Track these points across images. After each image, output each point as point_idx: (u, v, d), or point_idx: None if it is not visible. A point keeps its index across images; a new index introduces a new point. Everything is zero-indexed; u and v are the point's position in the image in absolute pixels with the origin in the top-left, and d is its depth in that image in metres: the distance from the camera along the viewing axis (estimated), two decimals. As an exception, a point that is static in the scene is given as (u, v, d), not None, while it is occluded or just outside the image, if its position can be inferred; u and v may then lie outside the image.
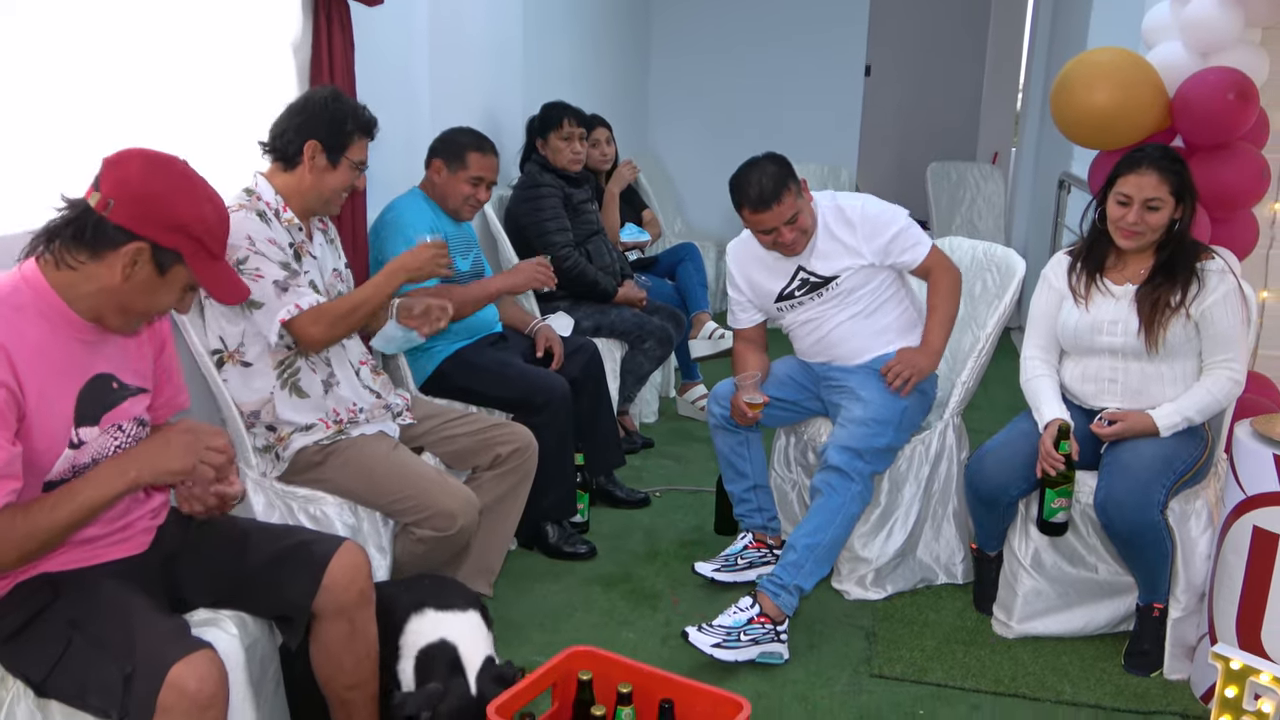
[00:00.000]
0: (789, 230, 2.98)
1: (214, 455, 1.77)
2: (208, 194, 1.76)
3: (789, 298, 3.17)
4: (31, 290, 1.69)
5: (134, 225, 1.66)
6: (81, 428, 1.75)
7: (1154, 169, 2.65)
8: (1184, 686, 2.72)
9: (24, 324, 1.66)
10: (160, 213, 1.68)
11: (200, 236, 1.72)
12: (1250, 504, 2.48)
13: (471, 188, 3.30)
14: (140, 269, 1.69)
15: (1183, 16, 3.14)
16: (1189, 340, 2.71)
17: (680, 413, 4.92)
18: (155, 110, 2.50)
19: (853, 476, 2.84)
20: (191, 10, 2.62)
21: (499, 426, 2.88)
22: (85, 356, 1.77)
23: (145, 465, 1.72)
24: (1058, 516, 2.72)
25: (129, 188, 1.67)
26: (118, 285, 1.69)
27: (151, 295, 1.74)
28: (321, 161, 2.50)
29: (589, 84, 5.85)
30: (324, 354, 2.57)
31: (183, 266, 1.73)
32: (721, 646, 2.67)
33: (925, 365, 3.03)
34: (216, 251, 1.78)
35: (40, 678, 1.70)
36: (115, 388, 1.82)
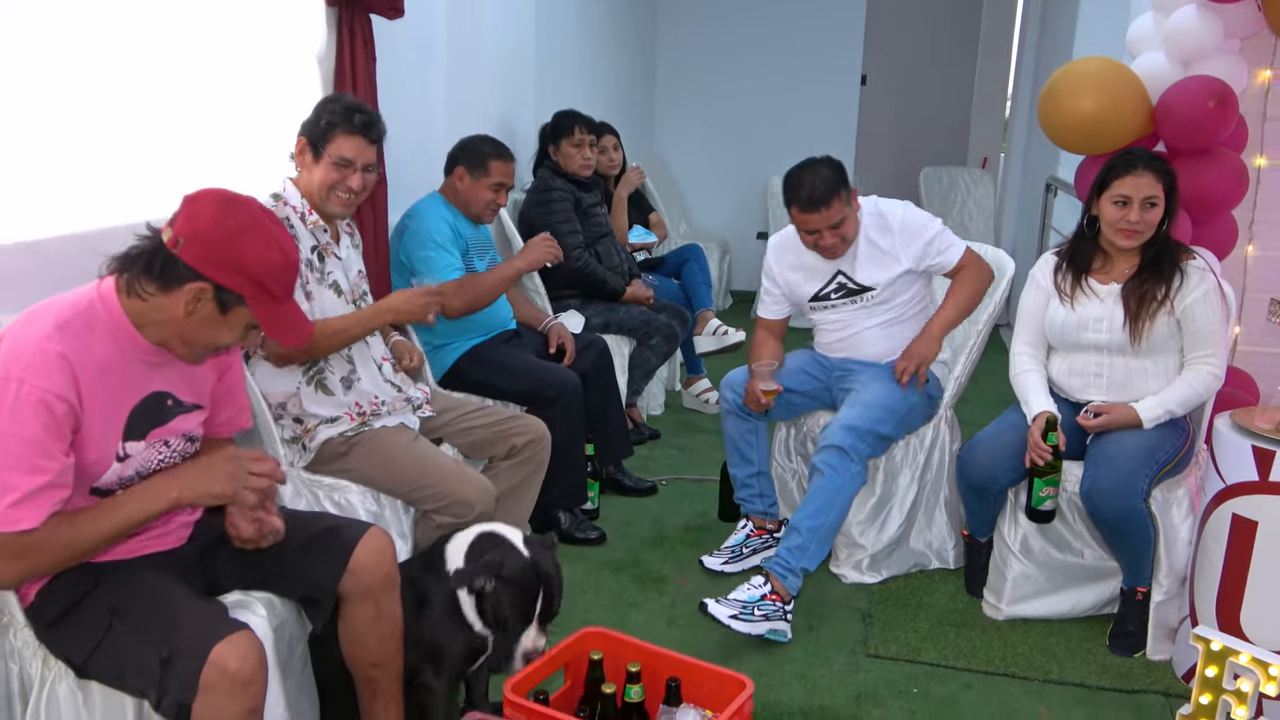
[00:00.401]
0: (831, 235, 2.96)
1: (256, 481, 1.78)
2: (277, 239, 1.72)
3: (823, 299, 3.16)
4: (105, 310, 1.69)
5: (200, 265, 1.65)
6: (128, 442, 1.74)
7: (1148, 169, 2.65)
8: (1166, 666, 2.72)
9: (93, 341, 1.66)
10: (226, 256, 1.66)
11: (263, 280, 1.70)
12: (1229, 492, 2.48)
13: (493, 193, 3.31)
14: (203, 306, 1.68)
15: (1165, 27, 3.14)
16: (1171, 336, 2.71)
17: (685, 405, 4.92)
18: (187, 118, 2.51)
19: (852, 456, 2.84)
20: (222, 24, 2.63)
21: (514, 419, 2.89)
22: (145, 375, 1.76)
23: (187, 487, 1.73)
24: (1045, 504, 2.72)
25: (199, 228, 1.66)
26: (181, 319, 1.69)
27: (213, 331, 1.72)
28: (308, 157, 2.49)
29: (598, 92, 5.84)
30: (347, 352, 2.57)
31: (244, 307, 1.71)
32: (738, 618, 2.67)
33: (925, 352, 3.02)
34: (280, 294, 1.74)
35: (81, 660, 1.71)
36: (170, 405, 1.81)
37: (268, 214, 1.74)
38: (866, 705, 2.52)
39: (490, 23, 4.24)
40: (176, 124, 2.48)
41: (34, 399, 1.56)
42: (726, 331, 4.72)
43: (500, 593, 2.02)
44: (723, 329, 4.73)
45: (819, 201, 2.90)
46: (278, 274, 1.72)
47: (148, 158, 2.40)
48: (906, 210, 3.09)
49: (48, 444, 1.58)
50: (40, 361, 1.58)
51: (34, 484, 1.57)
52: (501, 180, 3.31)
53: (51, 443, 1.59)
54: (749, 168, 7.32)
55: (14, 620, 1.73)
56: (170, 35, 2.46)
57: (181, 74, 2.49)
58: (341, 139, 2.46)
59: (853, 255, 3.07)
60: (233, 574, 1.97)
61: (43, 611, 1.73)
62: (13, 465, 1.56)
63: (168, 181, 2.45)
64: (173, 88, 2.46)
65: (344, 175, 2.48)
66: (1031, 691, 2.60)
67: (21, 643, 1.73)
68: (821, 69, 7.28)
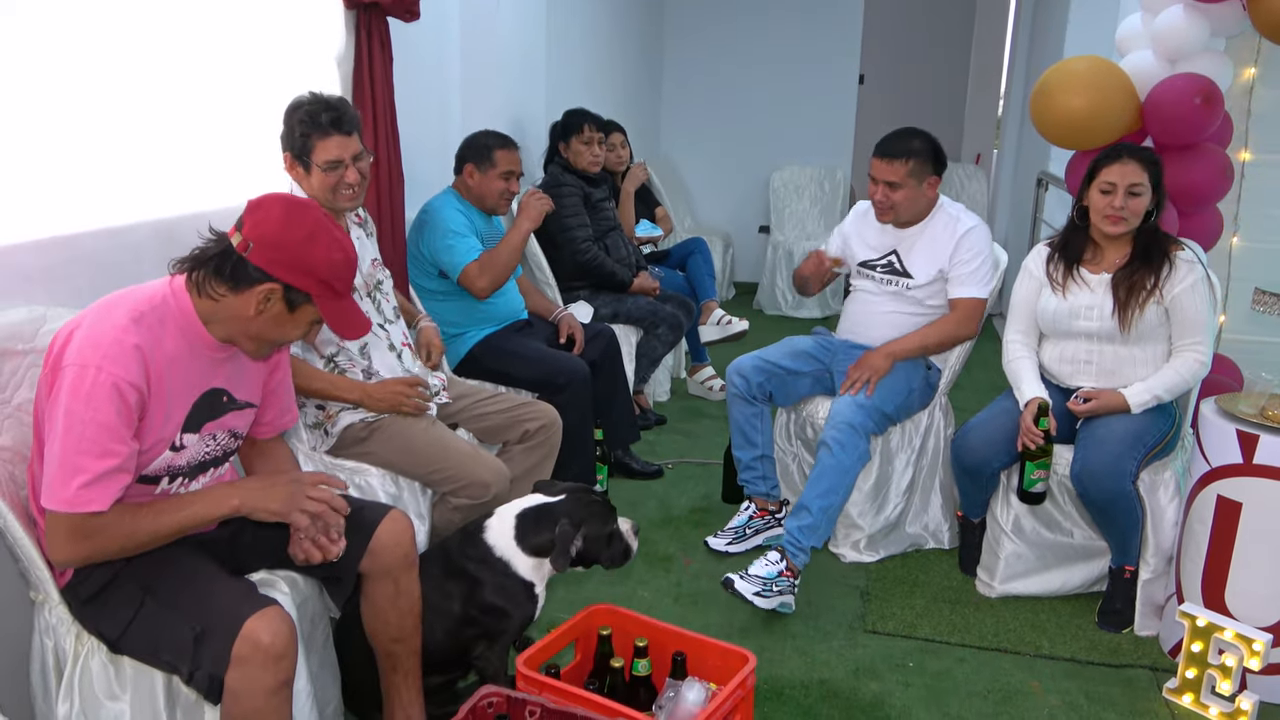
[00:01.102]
0: (883, 191, 2.99)
1: (311, 505, 1.79)
2: (338, 240, 1.75)
3: (871, 267, 3.18)
4: (178, 307, 1.71)
5: (270, 267, 1.67)
6: (185, 434, 1.76)
7: (1134, 159, 2.64)
8: (1153, 642, 2.70)
9: (165, 336, 1.68)
10: (294, 258, 1.68)
11: (328, 279, 1.72)
12: (1215, 475, 2.46)
13: (504, 181, 3.30)
14: (273, 305, 1.70)
15: (1153, 27, 3.11)
16: (1160, 324, 2.69)
17: (690, 392, 4.91)
18: (211, 118, 2.51)
19: (860, 433, 2.84)
20: (244, 27, 2.62)
21: (527, 405, 2.88)
22: (209, 371, 1.78)
23: (248, 498, 1.75)
24: (1036, 487, 2.70)
25: (268, 233, 1.67)
26: (251, 318, 1.71)
27: (281, 328, 1.75)
28: (299, 170, 2.44)
29: (606, 92, 5.82)
30: (364, 347, 2.56)
31: (310, 305, 1.73)
32: (760, 595, 2.70)
33: (880, 365, 3.01)
34: (342, 291, 1.77)
35: (115, 636, 1.70)
36: (225, 401, 1.83)
37: (328, 216, 1.76)
38: (864, 679, 2.51)
39: (502, 25, 4.22)
40: (201, 123, 2.48)
41: (109, 384, 1.57)
42: (730, 321, 4.71)
43: (591, 539, 2.17)
44: (726, 318, 4.72)
45: (888, 153, 2.98)
46: (340, 272, 1.75)
47: (171, 156, 2.40)
48: (978, 229, 3.07)
49: (119, 429, 1.60)
50: (117, 351, 1.59)
51: (104, 467, 1.58)
52: (510, 168, 3.30)
53: (122, 428, 1.60)
54: (751, 164, 7.30)
55: (49, 598, 1.73)
56: (195, 37, 2.45)
57: (206, 75, 2.48)
58: (320, 144, 2.38)
59: (912, 242, 3.09)
60: (258, 554, 1.97)
61: (78, 590, 1.73)
62: (86, 449, 1.57)
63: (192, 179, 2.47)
64: (197, 88, 2.45)
65: (339, 175, 2.41)
66: (1023, 666, 2.59)
67: (56, 619, 1.73)
68: (821, 68, 7.25)
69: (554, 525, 2.13)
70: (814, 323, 5.41)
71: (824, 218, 7.13)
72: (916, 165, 2.97)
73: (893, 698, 2.43)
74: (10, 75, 1.94)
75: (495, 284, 3.26)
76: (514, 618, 2.16)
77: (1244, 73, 3.19)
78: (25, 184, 1.99)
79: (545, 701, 1.80)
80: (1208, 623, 2.36)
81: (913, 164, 2.96)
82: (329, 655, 2.14)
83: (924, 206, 3.07)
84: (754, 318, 5.76)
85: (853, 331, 3.23)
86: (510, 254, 3.29)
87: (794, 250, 6.75)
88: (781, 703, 2.40)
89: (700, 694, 1.98)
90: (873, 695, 2.44)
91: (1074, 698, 2.45)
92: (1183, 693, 2.42)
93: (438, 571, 2.15)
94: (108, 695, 1.72)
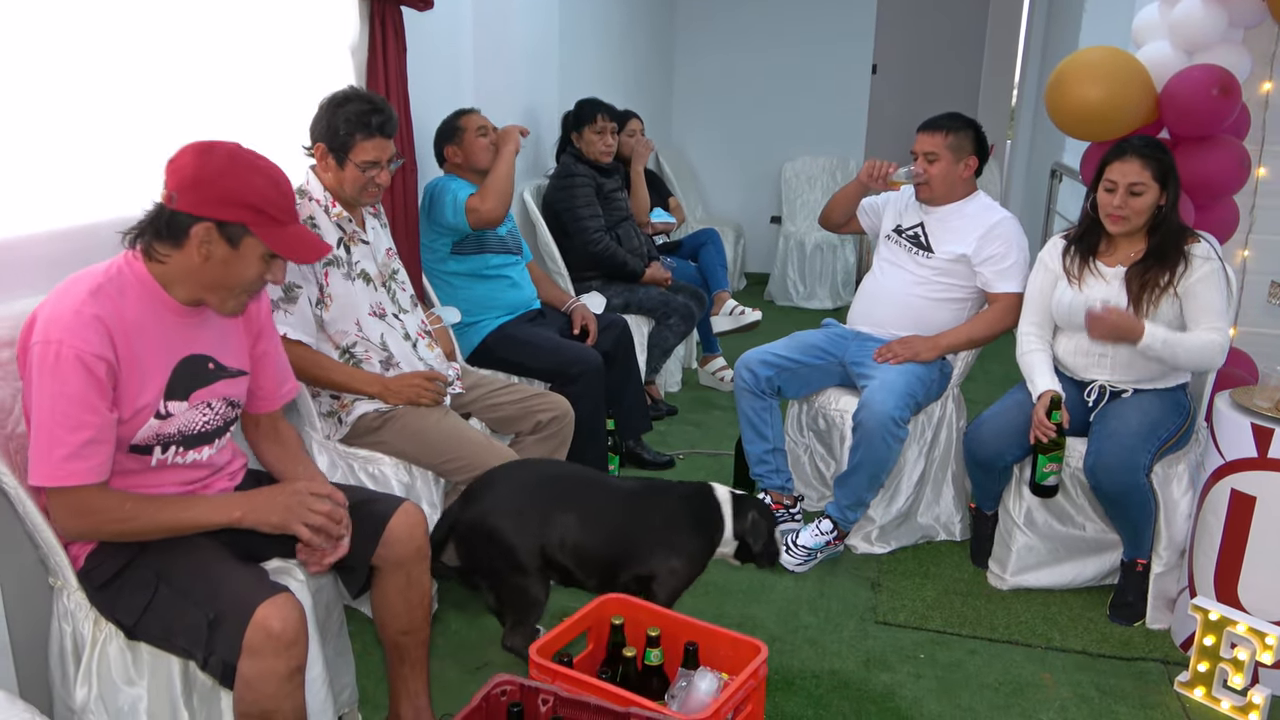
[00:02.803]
0: (920, 162, 3.07)
1: (312, 517, 1.79)
2: (257, 165, 1.72)
3: (897, 233, 3.22)
4: (134, 275, 1.71)
5: (197, 209, 1.66)
6: (170, 401, 1.75)
7: (1137, 156, 2.61)
8: (1165, 635, 2.70)
9: (125, 305, 1.68)
10: (216, 192, 1.66)
11: (258, 205, 1.69)
12: (1229, 468, 2.45)
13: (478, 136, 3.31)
14: (214, 247, 1.68)
15: (1170, 17, 3.08)
16: (1176, 318, 2.67)
17: (701, 383, 4.91)
18: (225, 109, 2.50)
19: (900, 423, 2.88)
20: (258, 16, 2.62)
21: (539, 396, 2.89)
22: (185, 337, 1.77)
23: (250, 510, 1.76)
24: (1049, 480, 2.70)
25: (184, 177, 1.67)
26: (200, 266, 1.70)
27: (233, 269, 1.72)
28: (330, 162, 2.46)
29: (618, 82, 5.81)
30: (380, 339, 2.57)
31: (252, 237, 1.70)
32: (803, 564, 2.97)
33: (924, 353, 3.04)
34: (281, 217, 1.73)
35: (131, 622, 1.72)
36: (211, 368, 1.82)
37: (245, 150, 1.73)
38: (875, 669, 2.52)
39: (515, 14, 4.21)
40: (218, 113, 2.48)
41: (72, 357, 1.59)
42: (743, 311, 4.71)
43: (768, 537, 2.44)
44: (738, 309, 4.72)
45: (931, 125, 3.09)
46: (268, 194, 1.70)
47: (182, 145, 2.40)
48: (1009, 220, 3.10)
49: (91, 399, 1.61)
50: (78, 323, 1.60)
51: (79, 439, 1.60)
52: (479, 126, 3.32)
53: (94, 398, 1.61)
54: (763, 155, 7.28)
55: (67, 583, 1.75)
56: (210, 27, 2.45)
57: (221, 65, 2.48)
58: (363, 144, 2.42)
59: (942, 219, 3.13)
60: (272, 542, 1.97)
61: (92, 575, 1.75)
62: (59, 422, 1.59)
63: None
64: (213, 78, 2.46)
65: (373, 175, 2.46)
66: (1034, 658, 2.59)
67: (74, 605, 1.75)
68: (833, 59, 7.21)
69: (748, 513, 2.40)
70: (825, 314, 5.41)
71: (836, 208, 7.10)
72: (955, 140, 3.04)
73: (904, 689, 2.44)
74: (30, 67, 1.95)
75: (500, 203, 3.22)
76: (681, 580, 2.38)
77: (1262, 85, 3.17)
78: (42, 176, 2.00)
79: (558, 690, 1.81)
80: (1220, 616, 2.36)
81: (951, 138, 3.04)
82: (344, 643, 2.16)
83: (959, 188, 3.10)
84: (766, 308, 5.76)
85: (865, 314, 3.24)
86: (503, 176, 3.27)
87: (806, 241, 6.74)
88: (793, 693, 2.41)
89: (712, 683, 1.99)
90: (884, 686, 2.45)
91: (1085, 690, 2.45)
92: (1194, 686, 2.42)
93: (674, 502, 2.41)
94: (125, 680, 1.74)
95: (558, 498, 2.34)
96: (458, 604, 2.74)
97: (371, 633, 2.32)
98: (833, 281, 6.73)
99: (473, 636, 2.61)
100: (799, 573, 2.94)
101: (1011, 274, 3.05)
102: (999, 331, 3.10)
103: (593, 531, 2.31)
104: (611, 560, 2.33)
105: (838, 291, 6.66)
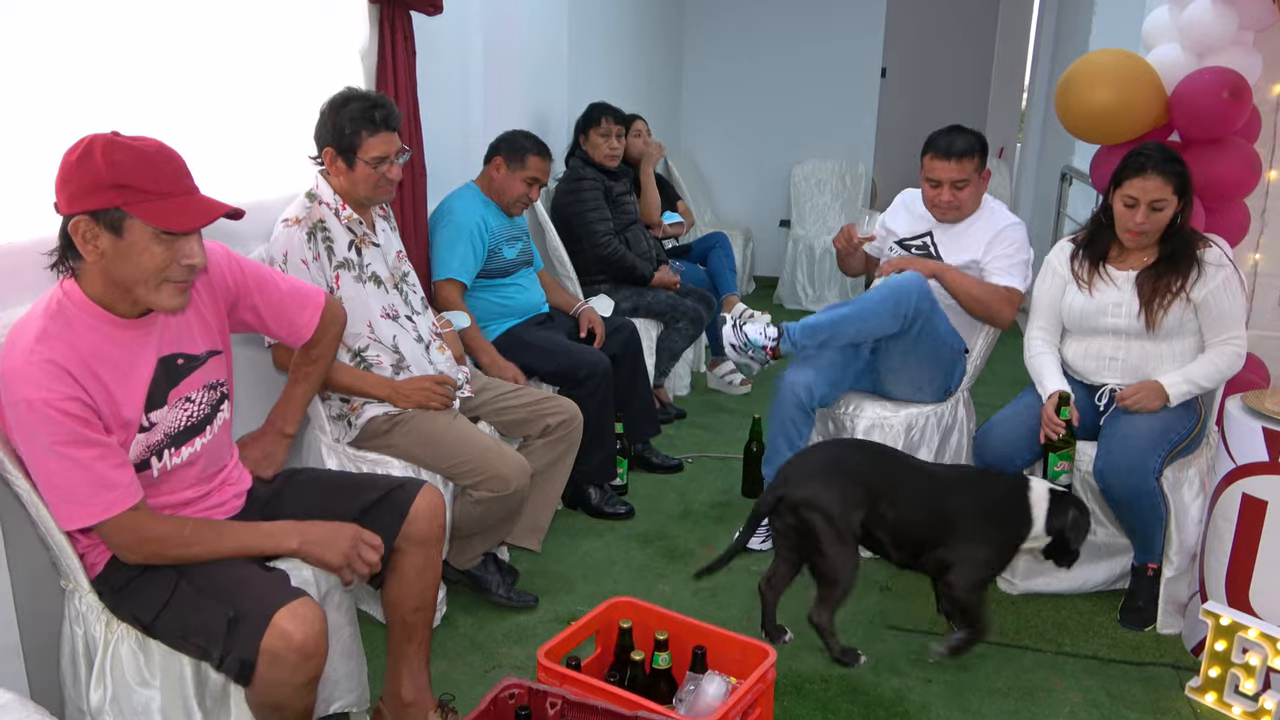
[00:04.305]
0: (951, 192, 3.03)
1: (360, 566, 1.82)
2: (119, 144, 1.58)
3: (904, 245, 3.21)
4: (74, 305, 1.64)
5: (70, 207, 1.58)
6: (151, 412, 1.74)
7: (1158, 172, 2.59)
8: (1175, 640, 2.69)
9: (75, 338, 1.62)
10: (79, 183, 1.56)
11: (124, 183, 1.56)
12: (1240, 473, 2.44)
13: (526, 187, 3.30)
14: (100, 240, 1.58)
15: (1181, 19, 3.07)
16: (1187, 322, 2.66)
17: (710, 386, 4.92)
18: (235, 115, 2.52)
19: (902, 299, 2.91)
20: (268, 22, 2.63)
21: (548, 400, 2.89)
22: (146, 348, 1.73)
23: (306, 543, 1.79)
24: (1060, 479, 2.69)
25: (57, 180, 1.60)
26: (101, 266, 1.61)
27: (131, 258, 1.60)
28: (340, 164, 2.46)
29: (627, 86, 5.82)
30: (393, 341, 2.58)
31: (131, 219, 1.58)
32: (734, 349, 3.13)
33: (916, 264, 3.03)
34: (155, 189, 1.59)
35: (149, 618, 1.72)
36: (181, 364, 1.79)
37: (113, 135, 1.60)
38: (885, 674, 2.51)
39: (524, 18, 4.22)
40: (228, 117, 2.49)
41: (45, 409, 1.55)
42: (752, 315, 4.68)
43: (1084, 519, 2.50)
44: (747, 312, 4.69)
45: (955, 153, 3.00)
46: (136, 169, 1.58)
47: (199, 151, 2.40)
48: (1017, 225, 3.09)
49: (85, 434, 1.59)
50: (35, 374, 1.56)
51: (96, 472, 1.60)
52: (536, 175, 3.31)
53: (88, 432, 1.59)
54: (772, 158, 7.28)
55: (79, 586, 1.76)
56: (221, 32, 2.46)
57: (232, 70, 2.50)
58: (370, 140, 2.43)
59: (953, 230, 3.12)
60: None
61: (111, 579, 1.76)
62: (69, 469, 1.58)
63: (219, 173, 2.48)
64: (224, 83, 2.47)
65: (384, 171, 2.47)
66: (1045, 663, 2.58)
67: (86, 607, 1.76)
68: (842, 63, 7.21)
69: (1068, 510, 2.46)
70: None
71: (845, 212, 7.10)
72: (977, 160, 3.03)
73: (913, 694, 2.43)
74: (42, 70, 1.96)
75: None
76: (984, 571, 2.48)
77: (1273, 88, 3.15)
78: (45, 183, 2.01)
79: (566, 694, 1.81)
80: (1232, 621, 2.35)
81: (977, 159, 3.03)
82: (355, 644, 2.16)
83: (976, 204, 3.11)
84: (774, 312, 5.76)
85: None
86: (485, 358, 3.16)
87: (814, 245, 6.73)
88: (801, 697, 2.40)
89: (720, 687, 1.99)
90: (893, 691, 2.44)
91: (1096, 695, 2.44)
92: (1205, 691, 2.41)
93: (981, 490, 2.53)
94: (138, 681, 1.75)
95: (882, 474, 2.51)
96: (466, 607, 2.75)
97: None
98: (842, 285, 6.73)
99: (481, 639, 2.62)
100: (729, 357, 3.17)
101: (1008, 270, 3.04)
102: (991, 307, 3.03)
103: (913, 510, 2.48)
104: (923, 540, 2.49)
105: (847, 295, 6.65)
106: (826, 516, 2.43)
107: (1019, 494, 2.50)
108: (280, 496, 2.03)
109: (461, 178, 3.44)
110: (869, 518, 2.47)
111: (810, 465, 2.56)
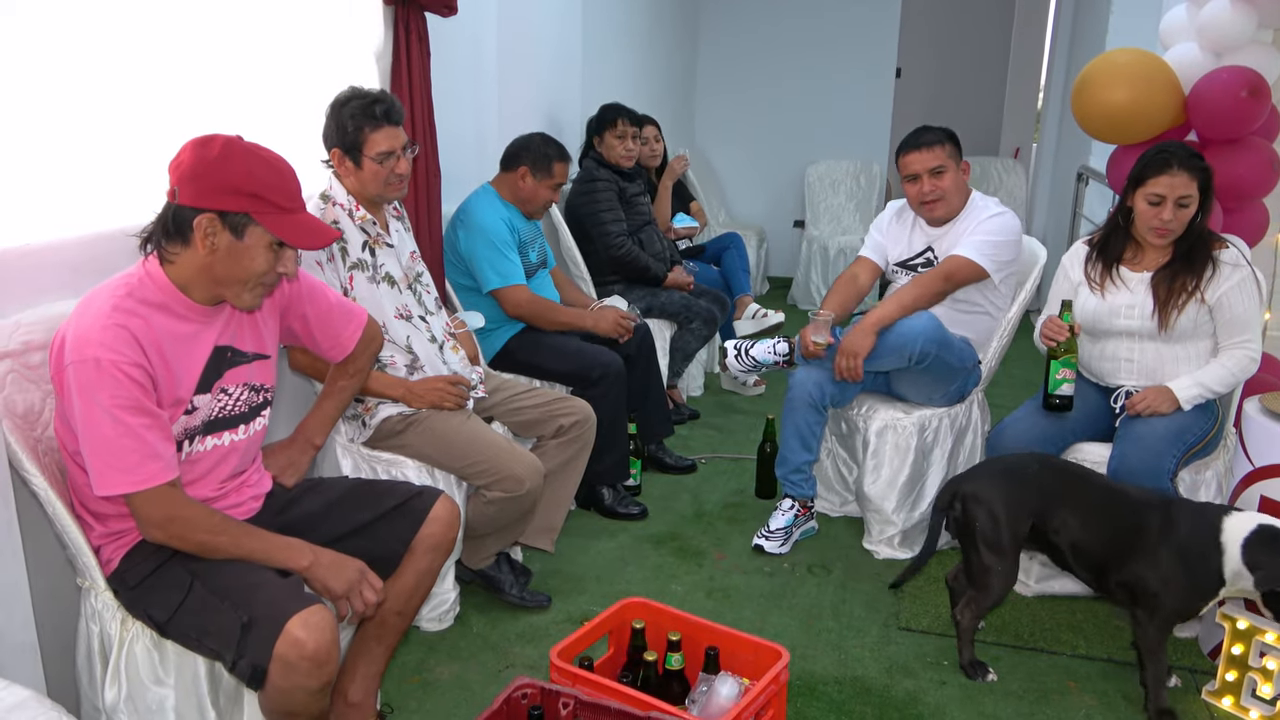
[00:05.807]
0: (930, 180, 3.01)
1: (356, 603, 1.82)
2: (257, 153, 1.71)
3: (908, 267, 3.18)
4: (154, 284, 1.72)
5: (197, 200, 1.67)
6: (197, 395, 1.79)
7: (1184, 169, 2.56)
8: (1192, 644, 2.67)
9: (149, 315, 1.69)
10: (214, 182, 1.66)
11: (258, 193, 1.68)
12: (1258, 475, 2.42)
13: (552, 193, 3.33)
14: (219, 238, 1.68)
15: (1198, 18, 3.05)
16: (1202, 323, 2.64)
17: (724, 387, 4.91)
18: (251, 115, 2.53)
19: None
20: (283, 23, 2.64)
21: (561, 400, 2.89)
22: (207, 335, 1.80)
23: (316, 564, 1.80)
24: (1062, 389, 2.67)
25: (184, 170, 1.68)
26: (208, 261, 1.70)
27: (241, 260, 1.71)
28: (348, 164, 2.47)
29: (641, 87, 5.82)
30: (406, 341, 2.58)
31: (256, 225, 1.69)
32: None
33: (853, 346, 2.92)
34: (284, 204, 1.71)
35: (164, 619, 1.73)
36: (229, 357, 1.85)
37: (244, 141, 1.72)
38: (898, 676, 2.50)
39: (539, 19, 4.23)
40: (244, 118, 2.50)
41: (112, 369, 1.61)
42: (765, 314, 4.69)
43: None
44: (761, 312, 4.70)
45: (922, 142, 3.00)
46: (270, 182, 1.70)
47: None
48: (1004, 215, 3.04)
49: (143, 402, 1.65)
50: (107, 337, 1.62)
51: (147, 440, 1.65)
52: (561, 181, 3.33)
53: (146, 401, 1.65)
54: (786, 158, 7.27)
55: (95, 584, 1.77)
56: (236, 33, 2.47)
57: (245, 71, 2.51)
58: (373, 136, 2.43)
59: (946, 233, 3.09)
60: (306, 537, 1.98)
61: (125, 577, 1.77)
62: (122, 431, 1.62)
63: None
64: (239, 84, 2.48)
65: (391, 166, 2.47)
66: (1059, 665, 2.56)
67: (102, 605, 1.77)
68: (857, 63, 7.19)
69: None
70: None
71: (859, 212, 7.08)
72: (950, 148, 3.02)
73: (927, 696, 2.42)
74: (59, 70, 1.97)
75: (533, 324, 3.31)
76: (1164, 606, 2.26)
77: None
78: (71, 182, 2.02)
79: (579, 694, 1.81)
80: (1249, 625, 2.33)
81: (949, 146, 3.02)
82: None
83: (963, 195, 3.07)
84: (788, 312, 5.75)
85: None
86: (558, 325, 3.33)
87: (829, 245, 6.71)
88: (814, 699, 2.40)
89: (733, 688, 1.98)
90: (906, 693, 2.43)
91: (1111, 699, 2.42)
92: (1222, 695, 2.39)
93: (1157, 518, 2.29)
94: (153, 680, 1.76)
95: (1063, 486, 2.41)
96: (479, 606, 2.75)
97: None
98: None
99: (494, 638, 2.62)
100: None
101: (971, 245, 2.98)
102: (932, 293, 3.00)
103: (1092, 528, 2.35)
104: (1104, 561, 2.35)
105: (860, 298, 6.63)
106: (990, 515, 2.39)
107: (1214, 527, 2.23)
108: (297, 502, 2.04)
109: (476, 179, 3.44)
110: (1042, 528, 2.39)
111: (989, 466, 2.58)
